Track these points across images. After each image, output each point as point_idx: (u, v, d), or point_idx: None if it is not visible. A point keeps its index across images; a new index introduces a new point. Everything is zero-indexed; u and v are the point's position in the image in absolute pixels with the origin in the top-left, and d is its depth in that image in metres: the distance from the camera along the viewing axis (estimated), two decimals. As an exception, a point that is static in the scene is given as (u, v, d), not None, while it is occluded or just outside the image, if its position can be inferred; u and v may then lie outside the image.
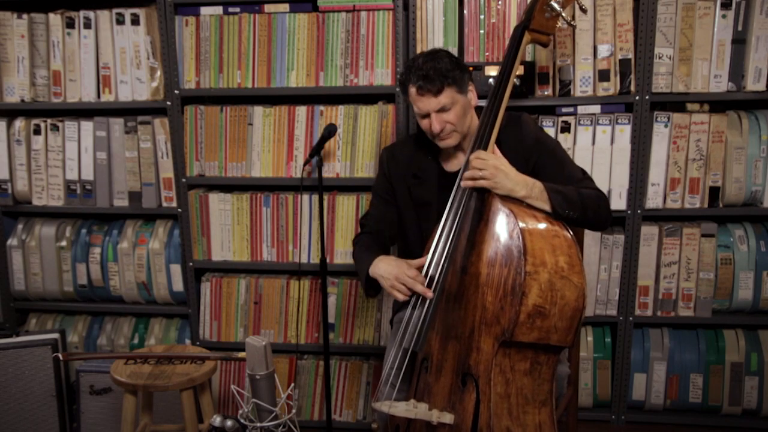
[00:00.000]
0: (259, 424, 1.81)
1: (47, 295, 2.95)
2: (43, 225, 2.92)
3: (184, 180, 2.76)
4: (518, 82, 2.47)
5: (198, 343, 2.85)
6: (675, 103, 2.59)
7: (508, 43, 1.90)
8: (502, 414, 1.55)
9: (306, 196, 2.69)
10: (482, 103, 1.90)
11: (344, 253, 2.69)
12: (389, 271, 1.81)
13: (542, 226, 1.58)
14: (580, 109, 2.55)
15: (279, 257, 2.75)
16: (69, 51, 2.75)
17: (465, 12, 2.54)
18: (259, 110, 2.68)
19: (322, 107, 2.65)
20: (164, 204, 2.81)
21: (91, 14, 2.71)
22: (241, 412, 1.85)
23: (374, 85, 2.60)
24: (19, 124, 2.83)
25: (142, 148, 2.77)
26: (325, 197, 2.63)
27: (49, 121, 2.81)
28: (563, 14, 1.82)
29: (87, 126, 2.80)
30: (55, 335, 2.68)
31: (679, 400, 2.70)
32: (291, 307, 2.77)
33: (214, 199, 2.75)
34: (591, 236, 2.59)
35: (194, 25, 2.66)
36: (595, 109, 2.55)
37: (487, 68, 2.49)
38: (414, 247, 2.06)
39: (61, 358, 2.29)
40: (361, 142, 2.63)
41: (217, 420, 1.82)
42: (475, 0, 2.53)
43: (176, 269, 2.84)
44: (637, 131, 2.53)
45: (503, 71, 1.81)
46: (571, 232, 1.60)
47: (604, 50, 2.50)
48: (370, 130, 2.62)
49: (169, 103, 2.71)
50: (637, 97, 2.51)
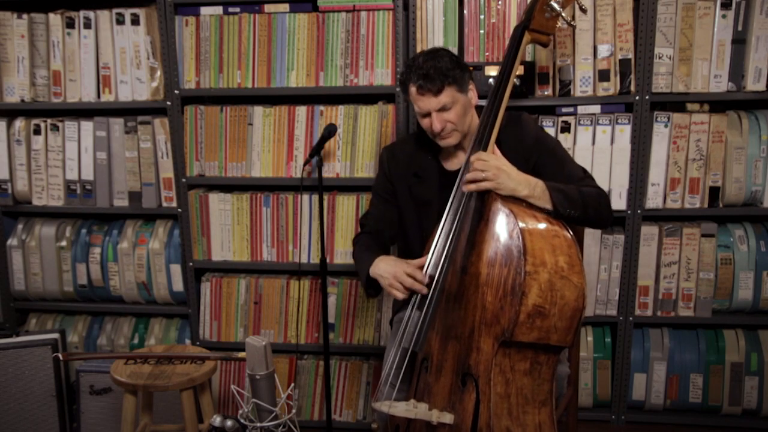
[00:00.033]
0: (259, 424, 1.81)
1: (47, 295, 2.95)
2: (43, 225, 2.92)
3: (184, 180, 2.76)
4: (518, 82, 2.47)
5: (198, 343, 2.85)
6: (675, 103, 2.59)
7: (508, 43, 1.90)
8: (502, 414, 1.55)
9: (306, 196, 2.69)
10: (482, 103, 1.90)
11: (344, 253, 2.69)
12: (388, 270, 1.81)
13: (542, 226, 1.58)
14: (580, 109, 2.56)
15: (279, 257, 2.75)
16: (69, 51, 2.75)
17: (465, 12, 2.54)
18: (259, 110, 2.68)
19: (322, 107, 2.65)
20: (164, 204, 2.81)
21: (91, 14, 2.71)
22: (241, 412, 1.85)
23: (374, 85, 2.60)
24: (19, 124, 2.83)
25: (142, 148, 2.77)
26: (325, 197, 2.63)
27: (49, 121, 2.81)
28: (563, 14, 1.82)
29: (87, 126, 2.80)
30: (55, 335, 2.68)
31: (679, 400, 2.70)
32: (291, 307, 2.77)
33: (214, 199, 2.75)
34: (591, 236, 2.59)
35: (194, 25, 2.66)
36: (595, 109, 2.55)
37: (487, 68, 2.49)
38: (414, 247, 2.06)
39: (61, 358, 2.29)
40: (361, 142, 2.64)
41: (217, 420, 1.82)
42: (475, 0, 2.53)
43: (176, 269, 2.84)
44: (637, 131, 2.53)
45: (503, 71, 1.81)
46: (571, 232, 1.60)
47: (604, 50, 2.50)
48: (370, 130, 2.62)
49: (169, 103, 2.71)
50: (637, 97, 2.51)
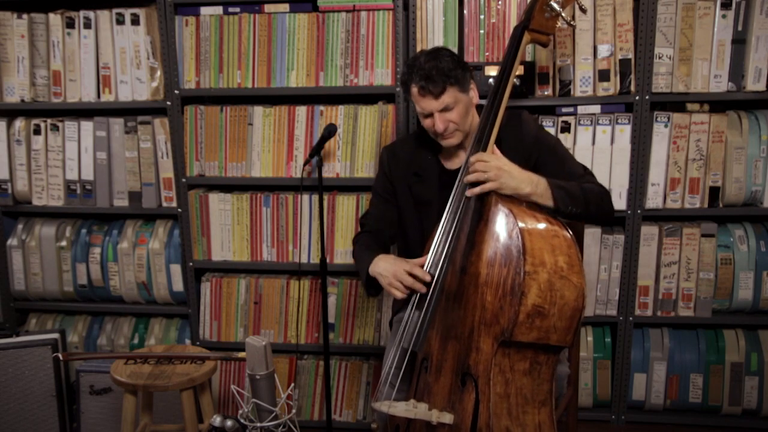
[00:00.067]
0: (259, 424, 1.81)
1: (47, 295, 2.95)
2: (43, 225, 2.92)
3: (184, 180, 2.76)
4: (518, 82, 2.47)
5: (198, 343, 2.85)
6: (675, 103, 2.59)
7: (507, 43, 1.90)
8: (502, 414, 1.55)
9: (306, 196, 2.69)
10: (483, 103, 1.90)
11: (344, 253, 2.69)
12: (388, 269, 1.81)
13: (542, 226, 1.58)
14: (580, 109, 2.55)
15: (279, 257, 2.75)
16: (69, 51, 2.75)
17: (465, 12, 2.54)
18: (259, 110, 2.68)
19: (322, 107, 2.65)
20: (164, 204, 2.81)
21: (91, 14, 2.72)
22: (241, 412, 1.85)
23: (374, 85, 2.60)
24: (19, 124, 2.83)
25: (142, 148, 2.77)
26: (325, 197, 2.63)
27: (49, 121, 2.81)
28: (563, 14, 1.82)
29: (87, 126, 2.80)
30: (55, 335, 2.68)
31: (679, 400, 2.70)
32: (291, 307, 2.77)
33: (214, 199, 2.75)
34: (591, 236, 2.59)
35: (194, 25, 2.66)
36: (595, 109, 2.55)
37: (487, 68, 2.49)
38: (414, 246, 2.06)
39: (61, 358, 2.29)
40: (361, 142, 2.63)
41: (217, 420, 1.82)
42: (475, 0, 2.53)
43: (176, 269, 2.84)
44: (637, 131, 2.53)
45: (503, 71, 1.81)
46: (571, 232, 1.59)
47: (604, 50, 2.50)
48: (370, 130, 2.62)
49: (169, 103, 2.71)
50: (637, 97, 2.51)
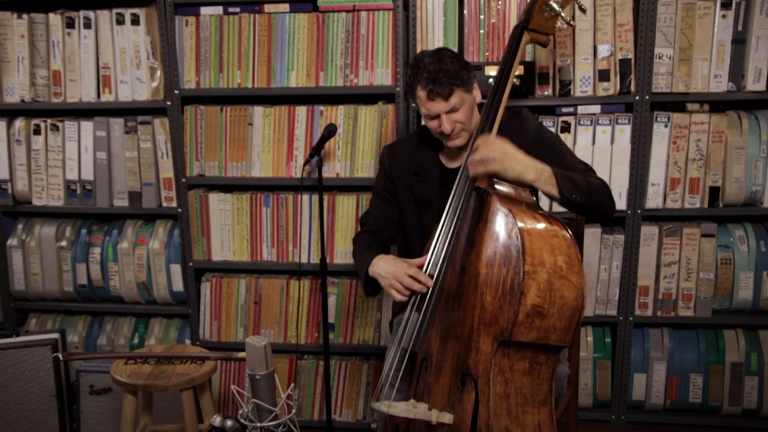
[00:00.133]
0: (259, 424, 1.81)
1: (47, 295, 2.96)
2: (43, 225, 2.92)
3: (184, 180, 2.76)
4: (518, 82, 2.47)
5: (198, 343, 2.85)
6: (675, 103, 2.59)
7: (507, 42, 1.90)
8: (502, 414, 1.55)
9: (306, 196, 2.69)
10: (484, 102, 1.90)
11: (344, 253, 2.69)
12: (388, 270, 1.81)
13: (541, 225, 1.58)
14: (580, 109, 2.55)
15: (279, 257, 2.75)
16: (69, 51, 2.75)
17: (465, 12, 2.54)
18: (259, 110, 2.68)
19: (322, 107, 2.65)
20: (164, 204, 2.81)
21: (91, 14, 2.72)
22: (241, 412, 1.85)
23: (374, 85, 2.60)
24: (19, 124, 2.83)
25: (142, 148, 2.77)
26: (325, 197, 2.63)
27: (49, 121, 2.81)
28: (562, 14, 1.82)
29: (87, 126, 2.80)
30: (55, 335, 2.68)
31: (679, 400, 2.70)
32: (291, 307, 2.77)
33: (214, 199, 2.75)
34: (591, 236, 2.59)
35: (194, 25, 2.66)
36: (595, 109, 2.55)
37: (487, 68, 2.49)
38: (414, 246, 2.06)
39: (61, 358, 2.29)
40: (361, 142, 2.63)
41: (217, 420, 1.82)
42: (475, 0, 2.53)
43: (176, 269, 2.84)
44: (637, 131, 2.53)
45: (502, 71, 1.81)
46: (570, 232, 1.59)
47: (604, 50, 2.50)
48: (370, 130, 2.62)
49: (169, 103, 2.71)
50: (637, 97, 2.51)
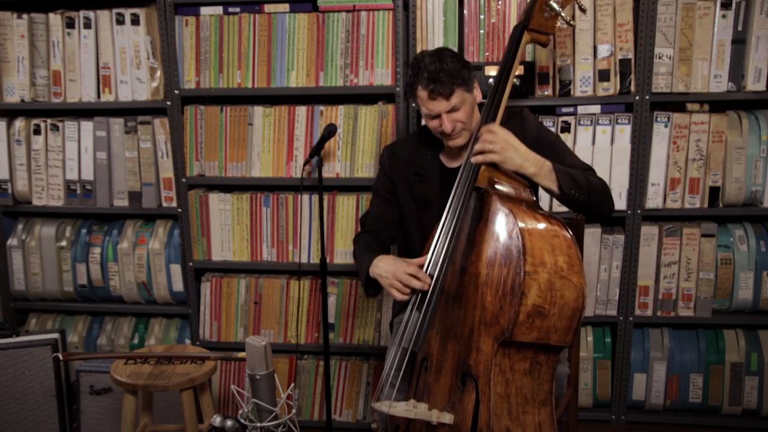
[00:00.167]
0: (259, 424, 1.81)
1: (47, 295, 2.95)
2: (43, 225, 2.92)
3: (184, 180, 2.76)
4: (518, 82, 2.47)
5: (198, 343, 2.85)
6: (675, 103, 2.59)
7: (507, 42, 1.90)
8: (502, 414, 1.55)
9: (306, 196, 2.69)
10: (484, 102, 1.90)
11: (344, 253, 2.69)
12: (388, 270, 1.81)
13: (542, 225, 1.58)
14: (580, 109, 2.56)
15: (279, 257, 2.75)
16: (69, 51, 2.75)
17: (465, 12, 2.54)
18: (259, 110, 2.68)
19: (322, 107, 2.65)
20: (164, 204, 2.81)
21: (91, 14, 2.72)
22: (241, 412, 1.85)
23: (374, 85, 2.60)
24: (19, 124, 2.83)
25: (142, 148, 2.77)
26: (325, 197, 2.63)
27: (49, 121, 2.81)
28: (562, 14, 1.82)
29: (87, 126, 2.80)
30: (55, 335, 2.68)
31: (679, 400, 2.70)
32: (291, 307, 2.77)
33: (214, 199, 2.75)
34: (591, 236, 2.59)
35: (194, 25, 2.66)
36: (595, 109, 2.56)
37: (487, 68, 2.49)
38: (415, 246, 2.06)
39: (61, 358, 2.29)
40: (361, 142, 2.63)
41: (217, 420, 1.82)
42: (475, 0, 2.53)
43: (176, 269, 2.84)
44: (637, 131, 2.53)
45: (502, 71, 1.81)
46: (571, 232, 1.59)
47: (604, 50, 2.50)
48: (370, 130, 2.62)
49: (169, 103, 2.71)
50: (637, 97, 2.51)
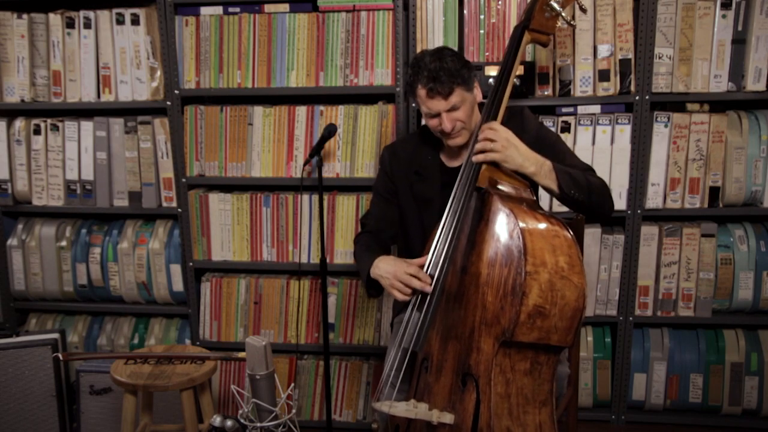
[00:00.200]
0: (259, 424, 1.81)
1: (47, 295, 2.95)
2: (43, 225, 2.92)
3: (184, 180, 2.76)
4: (518, 82, 2.47)
5: (198, 343, 2.85)
6: (675, 103, 2.59)
7: (507, 42, 1.90)
8: (503, 414, 1.55)
9: (306, 196, 2.69)
10: (484, 102, 1.90)
11: (344, 253, 2.69)
12: (388, 270, 1.81)
13: (542, 226, 1.58)
14: (580, 109, 2.56)
15: (279, 257, 2.75)
16: (69, 51, 2.75)
17: (465, 12, 2.54)
18: (259, 110, 2.68)
19: (322, 107, 2.65)
20: (164, 204, 2.81)
21: (91, 14, 2.71)
22: (241, 412, 1.85)
23: (374, 85, 2.60)
24: (19, 124, 2.83)
25: (142, 148, 2.77)
26: (325, 197, 2.63)
27: (49, 121, 2.81)
28: (563, 14, 1.82)
29: (87, 126, 2.80)
30: (55, 335, 2.68)
31: (679, 400, 2.70)
32: (291, 307, 2.77)
33: (214, 199, 2.75)
34: (591, 236, 2.59)
35: (194, 25, 2.66)
36: (595, 109, 2.56)
37: (487, 68, 2.49)
38: (415, 246, 2.06)
39: (61, 358, 2.29)
40: (361, 142, 2.63)
41: (217, 420, 1.82)
42: (475, 0, 2.53)
43: (176, 269, 2.84)
44: (637, 131, 2.53)
45: (503, 71, 1.81)
46: (571, 232, 1.59)
47: (604, 50, 2.50)
48: (370, 130, 2.62)
49: (169, 103, 2.71)
50: (637, 97, 2.51)
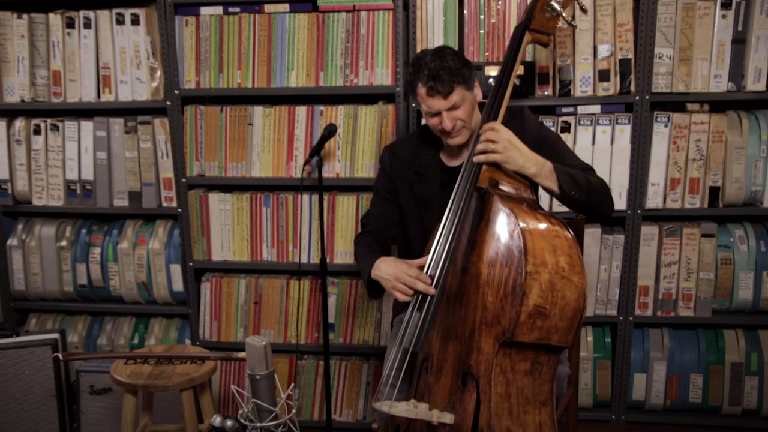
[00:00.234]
0: (259, 424, 1.81)
1: (47, 295, 2.95)
2: (43, 225, 2.92)
3: (184, 180, 2.76)
4: (518, 82, 2.47)
5: (198, 343, 2.85)
6: (675, 103, 2.59)
7: (508, 43, 1.90)
8: (503, 414, 1.55)
9: (306, 196, 2.69)
10: (484, 101, 1.90)
11: (344, 253, 2.69)
12: (389, 271, 1.81)
13: (543, 226, 1.58)
14: (580, 109, 2.56)
15: (279, 257, 2.75)
16: (69, 51, 2.75)
17: (465, 12, 2.54)
18: (259, 110, 2.68)
19: (322, 107, 2.65)
20: (164, 204, 2.81)
21: (91, 14, 2.71)
22: (241, 412, 1.85)
23: (374, 85, 2.60)
24: (19, 124, 2.83)
25: (142, 148, 2.77)
26: (325, 197, 2.63)
27: (49, 121, 2.81)
28: (564, 14, 1.82)
29: (87, 126, 2.79)
30: (55, 335, 2.68)
31: (679, 400, 2.71)
32: (291, 307, 2.77)
33: (214, 199, 2.75)
34: (591, 236, 2.59)
35: (194, 25, 2.66)
36: (595, 109, 2.56)
37: (487, 68, 2.49)
38: (415, 246, 2.06)
39: (61, 358, 2.29)
40: (361, 142, 2.63)
41: (217, 420, 1.82)
42: (475, 0, 2.53)
43: (176, 269, 2.84)
44: (637, 131, 2.53)
45: (503, 71, 1.81)
46: (572, 232, 1.59)
47: (604, 50, 2.50)
48: (370, 130, 2.62)
49: (169, 103, 2.71)
50: (637, 97, 2.51)
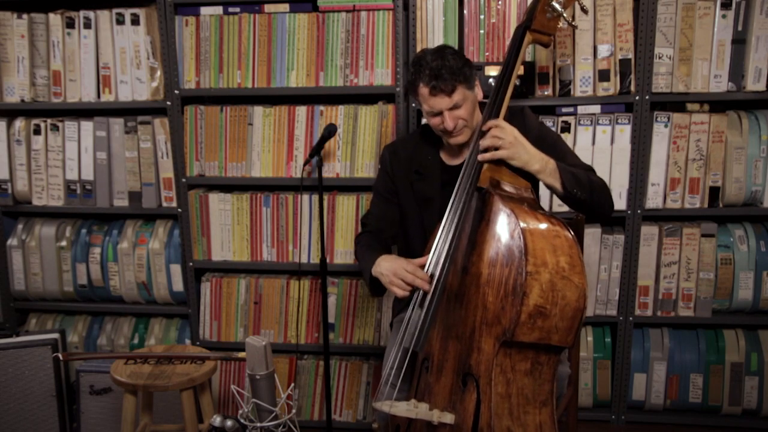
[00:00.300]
0: (259, 424, 1.81)
1: (47, 295, 2.95)
2: (43, 225, 2.92)
3: (184, 180, 2.76)
4: (518, 82, 2.47)
5: (198, 343, 2.85)
6: (675, 103, 2.59)
7: (509, 43, 1.90)
8: (503, 414, 1.55)
9: (306, 196, 2.69)
10: (485, 101, 1.90)
11: (344, 253, 2.69)
12: (388, 268, 1.82)
13: (543, 226, 1.58)
14: (580, 109, 2.56)
15: (279, 257, 2.75)
16: (69, 51, 2.75)
17: (465, 12, 2.54)
18: (259, 110, 2.68)
19: (322, 107, 2.65)
20: (164, 204, 2.81)
21: (91, 14, 2.71)
22: (241, 412, 1.85)
23: (374, 85, 2.60)
24: (19, 124, 2.83)
25: (142, 148, 2.77)
26: (325, 197, 2.63)
27: (49, 121, 2.81)
28: (564, 15, 1.82)
29: (87, 126, 2.79)
30: (55, 335, 2.68)
31: (679, 400, 2.71)
32: (291, 307, 2.77)
33: (214, 199, 2.75)
34: (591, 236, 2.60)
35: (194, 25, 2.66)
36: (595, 109, 2.56)
37: (487, 68, 2.49)
38: (416, 245, 2.06)
39: (61, 358, 2.29)
40: (361, 142, 2.63)
41: (217, 420, 1.82)
42: (475, 0, 2.53)
43: (176, 269, 2.84)
44: (637, 131, 2.53)
45: (504, 71, 1.81)
46: (572, 232, 1.59)
47: (604, 50, 2.50)
48: (370, 130, 2.62)
49: (169, 103, 2.71)
50: (637, 97, 2.51)
